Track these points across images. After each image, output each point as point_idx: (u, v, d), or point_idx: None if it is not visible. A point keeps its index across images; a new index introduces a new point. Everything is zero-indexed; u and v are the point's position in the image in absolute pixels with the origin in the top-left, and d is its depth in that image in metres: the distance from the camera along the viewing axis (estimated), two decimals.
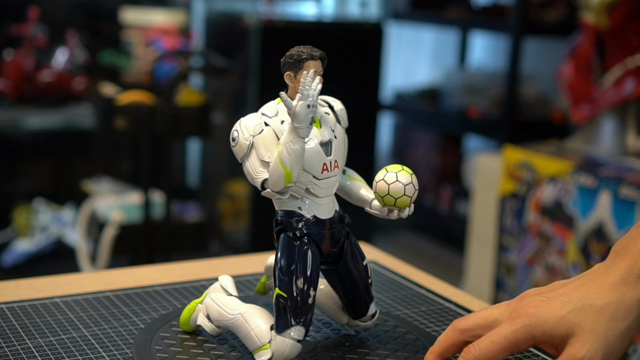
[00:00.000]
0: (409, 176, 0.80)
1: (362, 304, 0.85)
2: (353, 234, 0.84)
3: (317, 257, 0.79)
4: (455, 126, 3.50)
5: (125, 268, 1.14)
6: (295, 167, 0.75)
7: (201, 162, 3.65)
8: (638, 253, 0.75)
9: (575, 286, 0.75)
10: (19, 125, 2.92)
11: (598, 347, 0.71)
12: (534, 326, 0.72)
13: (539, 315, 0.72)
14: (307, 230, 0.78)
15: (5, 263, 2.91)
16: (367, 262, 0.85)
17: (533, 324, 0.72)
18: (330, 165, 0.79)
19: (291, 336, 0.77)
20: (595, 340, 0.71)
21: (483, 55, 4.02)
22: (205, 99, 2.57)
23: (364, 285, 0.85)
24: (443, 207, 3.59)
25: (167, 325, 0.88)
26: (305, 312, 0.77)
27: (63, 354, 0.82)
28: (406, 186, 0.79)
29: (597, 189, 2.17)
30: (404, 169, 0.80)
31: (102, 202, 2.57)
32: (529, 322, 0.72)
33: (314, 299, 0.78)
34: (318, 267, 0.79)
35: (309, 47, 0.77)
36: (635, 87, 2.46)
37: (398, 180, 0.79)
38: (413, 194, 0.80)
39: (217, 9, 3.44)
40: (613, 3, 2.49)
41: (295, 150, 0.74)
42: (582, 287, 0.74)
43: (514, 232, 2.49)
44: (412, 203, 0.81)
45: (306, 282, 0.77)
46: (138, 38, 3.29)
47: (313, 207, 0.79)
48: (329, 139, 0.79)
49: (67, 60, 3.02)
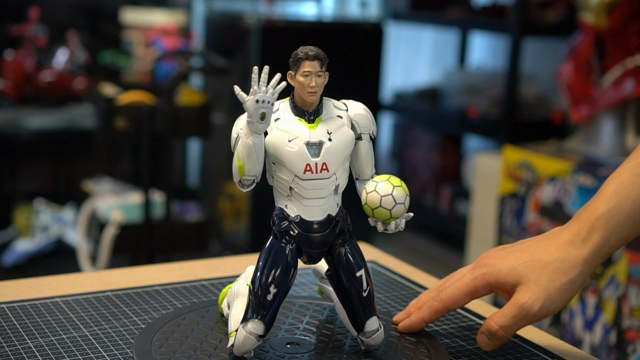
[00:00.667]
0: (388, 188, 0.78)
1: (358, 318, 0.81)
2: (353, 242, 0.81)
3: (293, 257, 0.78)
4: (455, 126, 3.50)
5: (126, 268, 1.14)
6: (247, 160, 0.76)
7: (201, 162, 3.65)
8: (587, 218, 0.86)
9: (530, 243, 0.87)
10: (19, 125, 2.92)
11: (539, 295, 0.82)
12: (489, 274, 0.85)
13: (495, 265, 0.85)
14: (287, 229, 0.78)
15: (5, 263, 2.91)
16: (365, 273, 0.81)
17: (489, 273, 0.85)
18: (316, 167, 0.78)
19: (246, 329, 0.77)
20: (537, 290, 0.82)
21: (483, 56, 4.02)
22: (205, 99, 2.57)
23: (357, 297, 0.80)
24: (443, 207, 3.59)
25: (167, 325, 0.88)
26: (265, 308, 0.77)
27: (64, 353, 0.83)
28: (383, 197, 0.78)
29: (596, 189, 2.16)
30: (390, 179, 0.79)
31: (102, 202, 2.58)
32: (486, 271, 0.85)
33: (275, 297, 0.77)
34: (290, 267, 0.78)
35: (309, 47, 0.78)
36: (635, 87, 2.46)
37: (375, 191, 0.78)
38: (392, 207, 0.78)
39: (217, 9, 3.44)
40: (612, 3, 2.49)
41: (247, 144, 0.76)
42: (535, 244, 0.86)
43: (513, 232, 2.49)
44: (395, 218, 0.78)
45: (269, 278, 0.77)
46: (138, 38, 3.29)
47: (298, 207, 0.79)
48: (320, 140, 0.78)
49: (68, 61, 3.02)
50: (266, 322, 0.78)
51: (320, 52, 0.78)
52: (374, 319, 0.82)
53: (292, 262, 0.78)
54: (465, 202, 3.35)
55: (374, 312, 0.82)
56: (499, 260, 0.85)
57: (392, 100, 3.82)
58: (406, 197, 0.80)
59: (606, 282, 2.11)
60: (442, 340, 0.90)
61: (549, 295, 0.82)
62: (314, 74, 0.77)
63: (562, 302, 0.83)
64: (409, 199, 0.81)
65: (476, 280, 0.85)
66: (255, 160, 0.77)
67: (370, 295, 0.81)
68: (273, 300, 0.77)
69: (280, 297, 0.78)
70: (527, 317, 0.82)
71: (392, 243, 3.74)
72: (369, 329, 0.81)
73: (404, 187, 0.80)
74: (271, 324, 0.78)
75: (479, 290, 0.85)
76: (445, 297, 0.86)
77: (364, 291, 0.81)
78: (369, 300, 0.81)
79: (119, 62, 3.21)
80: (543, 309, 0.82)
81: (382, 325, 0.83)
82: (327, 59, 0.78)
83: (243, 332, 0.78)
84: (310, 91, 0.77)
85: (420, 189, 3.77)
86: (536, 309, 0.82)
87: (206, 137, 2.53)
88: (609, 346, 2.08)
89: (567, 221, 0.89)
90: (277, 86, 0.75)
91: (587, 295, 2.18)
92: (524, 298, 0.82)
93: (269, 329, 0.78)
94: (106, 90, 2.56)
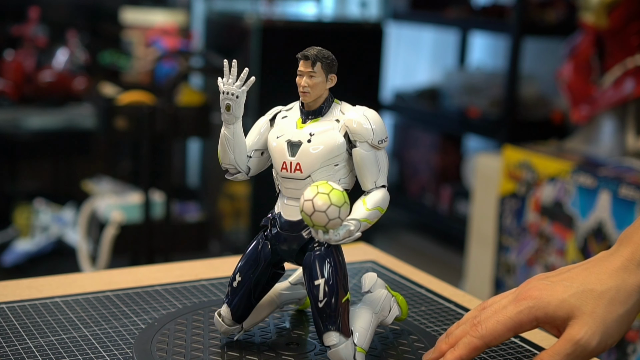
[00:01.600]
0: (311, 193, 0.73)
1: (317, 328, 0.77)
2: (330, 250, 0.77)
3: (264, 251, 0.80)
4: (455, 126, 3.50)
5: (126, 268, 1.14)
6: (220, 148, 0.81)
7: (201, 162, 3.65)
8: (638, 242, 0.77)
9: (578, 271, 0.78)
10: (19, 125, 2.92)
11: (596, 329, 0.74)
12: (537, 308, 0.75)
13: (542, 298, 0.76)
14: (265, 224, 0.80)
15: (5, 263, 2.91)
16: (325, 284, 0.76)
17: (536, 306, 0.75)
18: (290, 166, 0.78)
19: (218, 311, 0.83)
20: (594, 323, 0.74)
21: (483, 56, 4.02)
22: (205, 99, 2.57)
23: (315, 307, 0.76)
24: (443, 207, 3.59)
25: (167, 324, 0.88)
26: (231, 294, 0.82)
27: (64, 353, 0.83)
28: (305, 202, 0.73)
29: (596, 189, 2.17)
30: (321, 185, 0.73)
31: (102, 202, 2.58)
32: (533, 304, 0.76)
33: (240, 285, 0.81)
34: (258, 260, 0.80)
35: (310, 48, 0.78)
36: (635, 87, 2.46)
37: (303, 194, 0.74)
38: (311, 214, 0.73)
39: (217, 9, 3.44)
40: (612, 3, 2.49)
41: (221, 134, 0.80)
42: (584, 272, 0.77)
43: (513, 232, 2.49)
44: (319, 226, 0.73)
45: (237, 267, 0.82)
46: (138, 38, 3.29)
47: (281, 204, 0.81)
48: (299, 140, 0.78)
49: (68, 61, 3.02)
50: (232, 307, 0.82)
51: (313, 52, 0.77)
52: (332, 334, 0.76)
53: (263, 255, 0.81)
54: (465, 202, 3.35)
55: (332, 326, 0.76)
56: (547, 292, 0.76)
57: (392, 100, 3.82)
58: (330, 205, 0.72)
59: None
60: None
61: (607, 328, 0.74)
62: (306, 73, 0.78)
63: (619, 335, 0.76)
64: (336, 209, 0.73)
65: (521, 315, 0.76)
66: (227, 149, 0.80)
67: (329, 308, 0.76)
68: (237, 288, 0.81)
69: (246, 287, 0.81)
70: (584, 354, 0.74)
71: (392, 243, 3.74)
72: (325, 343, 0.77)
73: (334, 195, 0.73)
74: (238, 311, 0.82)
75: (524, 326, 0.76)
76: (486, 332, 0.76)
77: (320, 302, 0.76)
78: (325, 312, 0.76)
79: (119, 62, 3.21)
80: (601, 344, 0.74)
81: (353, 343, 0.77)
82: (321, 60, 0.77)
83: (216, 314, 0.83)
84: (301, 90, 0.78)
85: (420, 189, 3.77)
86: (594, 344, 0.74)
87: (206, 137, 2.53)
88: None
89: (567, 222, 0.87)
90: (247, 81, 0.78)
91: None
92: (580, 333, 0.74)
93: (237, 315, 0.82)
94: (106, 90, 2.56)
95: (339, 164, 0.79)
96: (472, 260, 2.77)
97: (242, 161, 0.81)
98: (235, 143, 0.80)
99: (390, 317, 0.84)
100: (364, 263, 1.16)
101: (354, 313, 0.80)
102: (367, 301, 0.83)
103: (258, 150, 0.82)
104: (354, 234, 0.75)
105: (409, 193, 3.85)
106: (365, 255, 1.20)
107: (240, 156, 0.81)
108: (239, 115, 0.79)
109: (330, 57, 0.78)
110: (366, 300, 0.83)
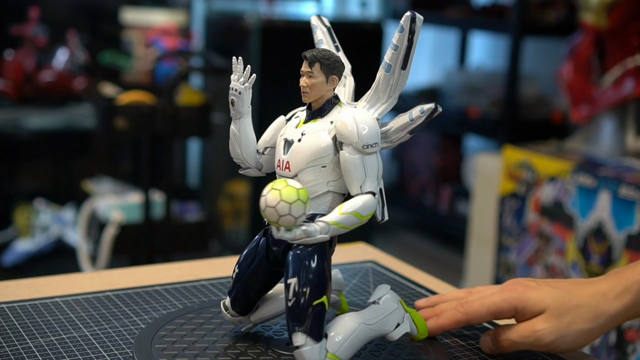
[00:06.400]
0: (266, 189, 0.74)
1: (287, 327, 0.76)
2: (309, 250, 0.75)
3: (260, 246, 0.82)
4: (455, 126, 3.50)
5: (126, 268, 1.14)
6: (229, 143, 0.82)
7: (201, 162, 3.65)
8: (625, 278, 0.86)
9: (564, 284, 0.87)
10: (19, 125, 2.92)
11: (556, 330, 0.82)
12: (518, 300, 0.84)
13: (525, 293, 0.85)
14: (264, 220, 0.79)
15: (5, 263, 2.91)
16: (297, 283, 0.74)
17: (518, 298, 0.84)
18: (282, 164, 0.79)
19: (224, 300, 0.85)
20: (557, 325, 0.83)
21: (483, 56, 4.02)
22: (205, 99, 2.57)
23: (287, 304, 0.75)
24: (443, 207, 3.59)
25: (167, 325, 0.88)
26: (232, 285, 0.84)
27: (64, 353, 0.83)
28: (261, 197, 0.74)
29: (596, 188, 2.17)
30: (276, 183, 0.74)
31: (102, 202, 2.58)
32: (516, 296, 0.85)
33: (238, 278, 0.83)
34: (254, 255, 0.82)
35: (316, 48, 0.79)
36: (635, 87, 2.47)
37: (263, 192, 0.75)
38: (264, 209, 0.73)
39: (217, 9, 3.44)
40: (612, 3, 2.49)
41: (230, 129, 0.81)
42: (569, 285, 0.86)
43: (513, 232, 2.49)
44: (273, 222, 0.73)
45: (237, 260, 0.83)
46: (138, 38, 3.29)
47: None
48: (292, 139, 0.79)
49: (68, 61, 3.02)
50: (231, 298, 0.84)
51: (312, 52, 0.78)
52: (298, 335, 0.75)
53: (258, 249, 0.82)
54: (465, 202, 3.35)
55: (299, 327, 0.74)
56: (531, 290, 0.85)
57: None
58: (280, 201, 0.72)
59: None
60: (442, 341, 0.90)
61: (565, 334, 0.83)
62: (305, 73, 0.78)
63: (573, 346, 0.84)
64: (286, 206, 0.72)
65: (504, 302, 0.85)
66: (234, 144, 0.82)
67: (298, 309, 0.74)
68: (236, 280, 0.83)
69: (242, 279, 0.82)
70: (536, 344, 0.84)
71: (392, 243, 3.74)
72: (293, 343, 0.76)
73: (286, 192, 0.73)
74: (236, 302, 0.83)
75: (504, 313, 0.86)
76: (470, 310, 0.86)
77: (289, 301, 0.75)
78: (294, 312, 0.74)
79: (119, 62, 3.21)
80: (552, 344, 0.83)
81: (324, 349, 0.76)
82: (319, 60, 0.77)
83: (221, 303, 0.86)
84: (302, 91, 0.79)
85: (420, 189, 3.77)
86: (547, 341, 0.83)
87: (206, 137, 2.53)
88: (608, 346, 2.08)
89: (567, 222, 0.90)
90: (250, 78, 0.80)
91: None
92: (541, 326, 0.83)
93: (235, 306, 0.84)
94: (106, 90, 2.56)
95: (327, 165, 0.77)
96: (472, 260, 2.77)
97: (249, 157, 0.82)
98: (242, 138, 0.81)
99: (396, 333, 0.82)
100: (364, 263, 1.16)
101: (339, 319, 0.79)
102: (363, 311, 0.81)
103: (272, 147, 0.83)
104: (314, 235, 0.74)
105: (409, 193, 3.85)
106: (365, 255, 1.20)
107: (247, 151, 0.82)
108: (242, 111, 0.80)
109: (332, 58, 0.78)
110: (364, 310, 0.81)
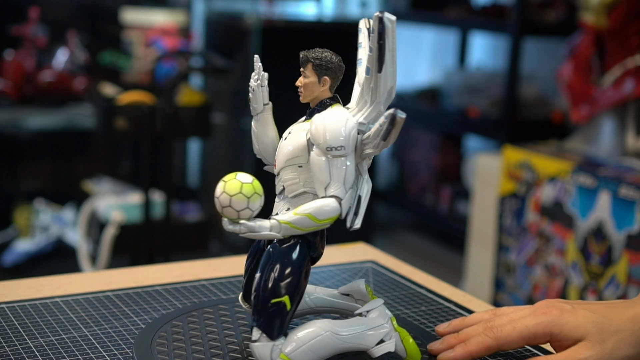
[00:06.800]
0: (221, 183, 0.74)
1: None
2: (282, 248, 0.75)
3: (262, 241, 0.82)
4: (455, 126, 3.50)
5: (126, 268, 1.14)
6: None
7: (201, 162, 3.65)
8: None
9: (600, 306, 0.82)
10: (19, 125, 2.92)
11: (600, 358, 0.77)
12: (555, 324, 0.79)
13: (562, 316, 0.79)
14: None
15: (5, 263, 2.91)
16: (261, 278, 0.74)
17: (555, 322, 0.79)
18: (274, 161, 0.80)
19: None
20: (601, 352, 0.77)
21: (483, 56, 4.02)
22: (205, 99, 2.57)
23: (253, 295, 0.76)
24: (443, 207, 3.59)
25: (167, 325, 0.88)
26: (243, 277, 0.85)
27: (64, 353, 0.83)
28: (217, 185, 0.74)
29: (596, 188, 2.17)
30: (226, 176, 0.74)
31: (102, 202, 2.58)
32: (552, 320, 0.79)
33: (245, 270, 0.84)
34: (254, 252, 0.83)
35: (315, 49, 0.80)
36: (635, 87, 2.47)
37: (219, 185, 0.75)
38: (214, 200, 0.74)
39: (217, 9, 3.44)
40: (612, 3, 2.49)
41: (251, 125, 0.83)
42: (606, 308, 0.81)
43: (513, 232, 2.49)
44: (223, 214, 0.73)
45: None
46: (138, 38, 3.29)
47: None
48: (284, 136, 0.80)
49: (68, 61, 3.02)
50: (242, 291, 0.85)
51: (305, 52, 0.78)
52: (255, 329, 0.74)
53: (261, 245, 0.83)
54: (465, 202, 3.35)
55: (256, 322, 0.74)
56: (567, 313, 0.79)
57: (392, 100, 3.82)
58: (222, 193, 0.73)
59: (606, 282, 2.11)
60: None
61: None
62: (301, 73, 0.79)
63: None
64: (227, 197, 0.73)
65: (538, 327, 0.79)
66: (253, 139, 0.83)
67: (258, 304, 0.74)
68: (245, 274, 0.84)
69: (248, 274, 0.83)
70: None
71: (392, 243, 3.74)
72: (252, 337, 0.75)
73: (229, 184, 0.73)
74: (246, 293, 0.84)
75: (538, 338, 0.79)
76: (501, 335, 0.79)
77: (252, 294, 0.75)
78: (254, 306, 0.74)
79: (119, 62, 3.21)
80: None
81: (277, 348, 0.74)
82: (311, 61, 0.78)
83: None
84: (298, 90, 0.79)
85: (420, 189, 3.77)
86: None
87: (206, 137, 2.53)
88: None
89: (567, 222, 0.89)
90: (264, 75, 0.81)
91: (587, 295, 2.18)
92: (585, 354, 0.77)
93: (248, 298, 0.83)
94: (106, 90, 2.56)
95: (303, 165, 0.76)
96: (472, 260, 2.77)
97: (266, 153, 0.83)
98: (259, 134, 0.82)
99: (377, 350, 0.78)
100: (364, 263, 1.16)
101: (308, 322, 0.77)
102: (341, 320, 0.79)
103: None
104: (258, 231, 0.73)
105: (409, 193, 3.85)
106: (365, 255, 1.20)
107: (264, 147, 0.83)
108: (256, 108, 0.82)
109: (325, 58, 0.78)
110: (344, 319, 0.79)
